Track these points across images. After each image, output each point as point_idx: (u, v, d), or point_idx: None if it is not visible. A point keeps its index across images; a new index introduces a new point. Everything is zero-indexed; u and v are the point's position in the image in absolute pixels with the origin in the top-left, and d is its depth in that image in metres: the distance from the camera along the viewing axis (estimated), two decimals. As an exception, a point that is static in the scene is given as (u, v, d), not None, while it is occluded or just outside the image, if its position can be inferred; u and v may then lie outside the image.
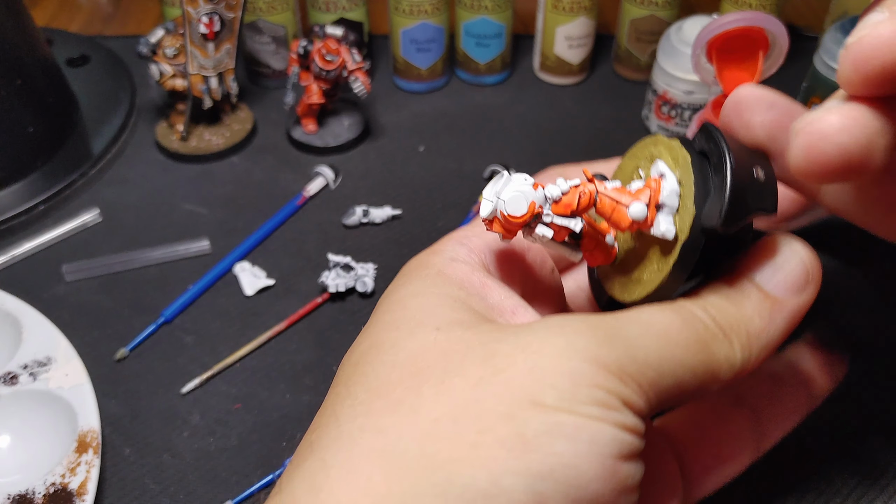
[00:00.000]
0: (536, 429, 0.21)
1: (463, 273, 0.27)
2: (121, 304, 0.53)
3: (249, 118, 0.68)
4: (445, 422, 0.21)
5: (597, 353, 0.22)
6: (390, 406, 0.22)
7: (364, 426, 0.22)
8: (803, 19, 0.82)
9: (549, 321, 0.24)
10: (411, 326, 0.25)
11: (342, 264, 0.53)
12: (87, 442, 0.41)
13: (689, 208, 0.25)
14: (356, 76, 0.62)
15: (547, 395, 0.21)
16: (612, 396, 0.22)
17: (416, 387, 0.22)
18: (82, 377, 0.44)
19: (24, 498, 0.40)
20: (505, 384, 0.22)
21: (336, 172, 0.62)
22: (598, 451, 0.21)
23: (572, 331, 0.23)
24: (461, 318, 0.25)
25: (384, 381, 0.23)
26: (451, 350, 0.23)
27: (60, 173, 0.61)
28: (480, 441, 0.21)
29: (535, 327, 0.24)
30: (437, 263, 0.28)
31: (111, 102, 0.68)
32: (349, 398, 0.23)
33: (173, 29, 0.61)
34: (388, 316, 0.26)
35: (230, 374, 0.49)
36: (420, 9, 0.68)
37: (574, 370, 0.22)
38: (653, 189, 0.25)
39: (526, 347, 0.23)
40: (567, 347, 0.22)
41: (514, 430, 0.21)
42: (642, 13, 0.70)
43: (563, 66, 0.72)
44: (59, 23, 0.84)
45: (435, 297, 0.26)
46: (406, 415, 0.22)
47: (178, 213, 0.60)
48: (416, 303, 0.26)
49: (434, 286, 0.27)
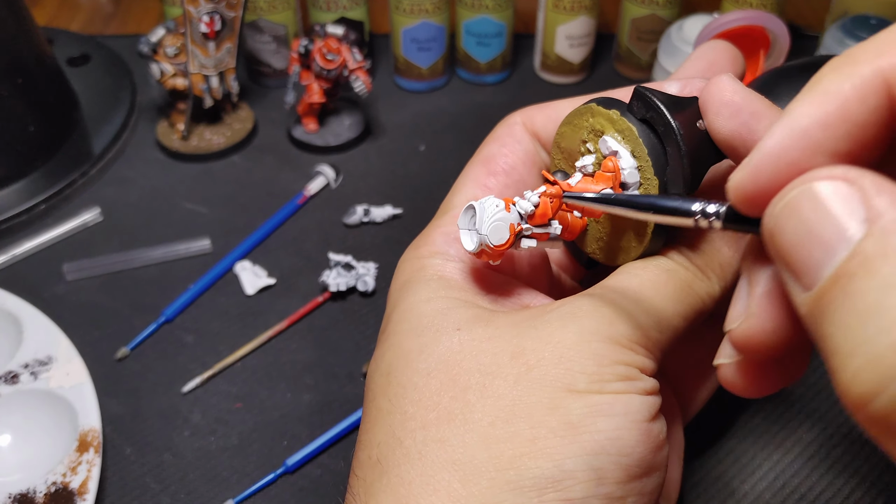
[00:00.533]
0: (579, 413, 0.23)
1: (460, 273, 0.29)
2: (121, 304, 0.53)
3: (250, 117, 0.68)
4: (500, 424, 0.24)
5: (609, 332, 0.25)
6: (444, 417, 0.24)
7: (426, 439, 0.24)
8: (804, 18, 0.82)
9: (559, 310, 0.26)
10: (433, 332, 0.26)
11: (343, 263, 0.53)
12: (88, 441, 0.41)
13: (652, 180, 0.26)
14: (357, 75, 0.62)
15: (579, 381, 0.24)
16: (630, 368, 0.25)
17: (460, 395, 0.24)
18: (83, 376, 0.44)
19: (25, 497, 0.40)
20: (541, 379, 0.24)
21: (337, 171, 0.62)
22: (632, 419, 0.24)
23: (582, 315, 0.25)
24: (475, 316, 0.26)
25: (427, 392, 0.25)
26: (479, 351, 0.25)
27: (61, 172, 0.61)
28: (536, 435, 0.23)
29: (548, 318, 0.26)
30: (434, 266, 0.29)
31: (112, 102, 0.68)
32: (398, 413, 0.25)
33: (174, 28, 0.61)
34: (405, 324, 0.27)
35: (231, 374, 0.49)
36: (421, 8, 0.68)
37: (595, 353, 0.24)
38: (612, 169, 0.27)
39: (549, 340, 0.25)
40: (583, 333, 0.25)
41: (562, 419, 0.23)
42: (643, 12, 0.70)
43: (563, 66, 0.72)
44: (59, 22, 0.84)
45: (445, 301, 0.28)
46: (462, 424, 0.24)
47: (179, 212, 0.60)
48: (430, 308, 0.27)
49: (440, 290, 0.28)
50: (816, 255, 0.17)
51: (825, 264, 0.17)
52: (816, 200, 0.17)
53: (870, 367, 0.15)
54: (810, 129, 0.18)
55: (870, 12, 0.62)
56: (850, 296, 0.16)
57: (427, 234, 0.32)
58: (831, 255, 0.16)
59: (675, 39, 0.63)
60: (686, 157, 0.25)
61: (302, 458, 0.43)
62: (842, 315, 0.16)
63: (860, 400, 0.15)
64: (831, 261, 0.16)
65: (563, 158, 0.31)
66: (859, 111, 0.17)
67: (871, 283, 0.15)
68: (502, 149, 0.33)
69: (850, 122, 0.17)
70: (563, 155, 0.31)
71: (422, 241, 0.31)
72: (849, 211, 0.16)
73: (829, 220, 0.17)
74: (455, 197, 0.34)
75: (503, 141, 0.33)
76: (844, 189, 0.17)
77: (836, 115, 0.17)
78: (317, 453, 0.44)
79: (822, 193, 0.17)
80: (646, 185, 0.27)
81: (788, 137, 0.18)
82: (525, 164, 0.33)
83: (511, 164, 0.33)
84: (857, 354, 0.15)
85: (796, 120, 0.18)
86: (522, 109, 0.34)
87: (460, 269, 0.29)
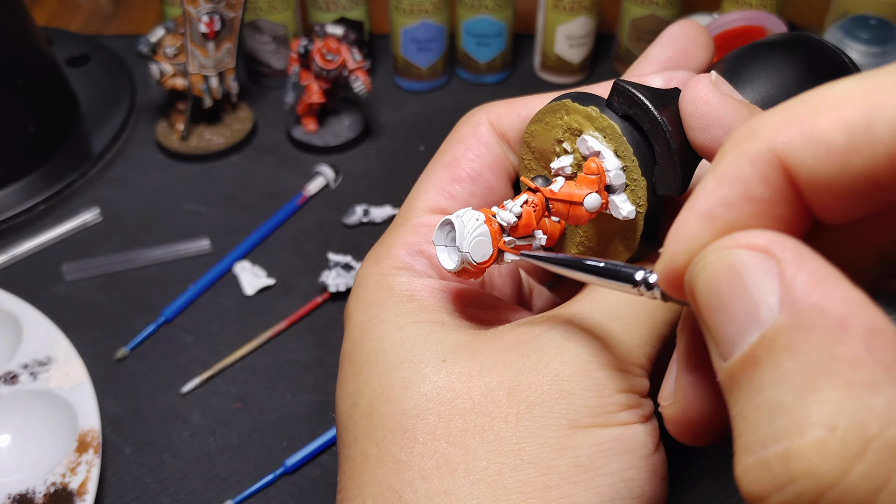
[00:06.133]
0: (588, 453, 0.22)
1: (431, 292, 0.27)
2: (121, 304, 0.53)
3: (250, 117, 0.68)
4: (508, 472, 0.22)
5: (605, 358, 0.23)
6: (444, 466, 0.23)
7: (430, 493, 0.23)
8: (804, 19, 0.82)
9: (549, 335, 0.24)
10: (415, 364, 0.24)
11: (342, 264, 0.53)
12: (88, 441, 0.41)
13: (640, 181, 0.25)
14: (356, 75, 0.62)
15: (582, 416, 0.23)
16: (631, 396, 0.23)
17: (458, 440, 0.23)
18: (82, 377, 0.44)
19: (24, 497, 0.40)
20: (543, 418, 0.23)
21: (336, 172, 0.62)
22: (640, 455, 0.23)
23: (576, 341, 0.24)
24: (458, 342, 0.25)
25: (419, 436, 0.23)
26: (470, 388, 0.24)
27: (60, 173, 0.61)
28: (548, 483, 0.22)
29: (540, 346, 0.24)
30: (401, 286, 0.27)
31: (111, 102, 0.68)
32: (391, 462, 0.23)
33: (174, 28, 0.61)
34: (381, 356, 0.25)
35: (230, 374, 0.49)
36: (420, 8, 0.68)
37: (596, 383, 0.23)
38: (595, 171, 0.25)
39: (546, 372, 0.23)
40: (580, 362, 0.23)
41: (571, 461, 0.22)
42: (643, 12, 0.70)
43: (563, 66, 0.72)
44: (59, 22, 0.84)
45: (421, 327, 0.25)
46: (466, 474, 0.22)
47: (179, 212, 0.60)
48: (406, 336, 0.25)
49: (413, 314, 0.26)
50: (731, 329, 0.16)
51: (738, 342, 0.15)
52: (733, 271, 0.16)
53: (759, 470, 0.14)
54: (716, 211, 0.17)
55: (870, 12, 0.62)
56: (754, 386, 0.15)
57: (388, 245, 0.29)
58: (743, 335, 0.15)
59: (674, 39, 0.63)
60: (676, 154, 0.24)
61: (301, 458, 0.43)
62: (745, 403, 0.15)
63: (749, 496, 0.14)
64: (743, 340, 0.15)
65: (533, 159, 0.29)
66: (762, 190, 0.16)
67: (774, 376, 0.14)
68: (467, 152, 0.31)
69: (756, 201, 0.16)
70: (535, 155, 0.28)
71: (383, 254, 0.29)
72: (765, 287, 0.15)
73: (743, 296, 0.15)
74: (416, 202, 0.31)
75: (468, 143, 0.31)
76: (761, 262, 0.15)
77: (740, 194, 0.16)
78: (316, 454, 0.44)
79: (739, 264, 0.16)
80: (633, 186, 0.25)
81: (697, 222, 0.17)
82: (492, 169, 0.30)
83: (477, 169, 0.30)
84: (750, 451, 0.14)
85: (703, 203, 0.17)
86: (487, 105, 0.31)
87: (430, 288, 0.27)
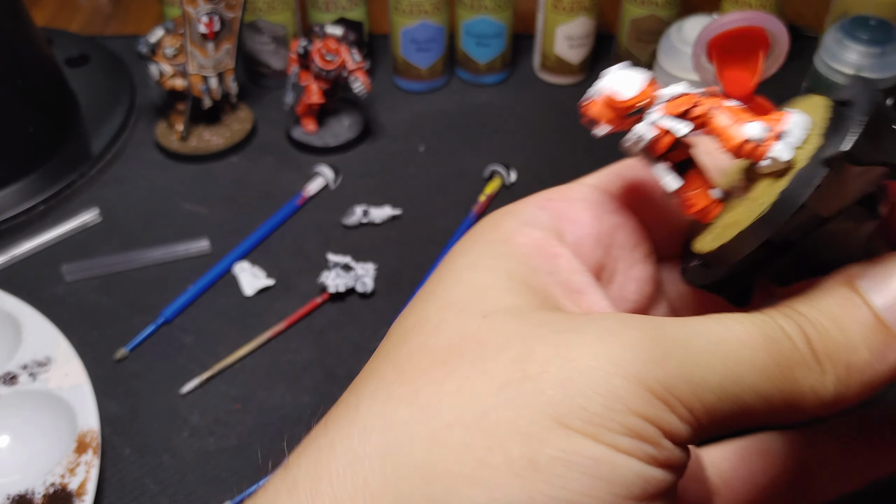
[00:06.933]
0: (551, 454, 0.19)
1: (533, 241, 0.24)
2: (120, 304, 0.53)
3: (249, 118, 0.68)
4: (457, 429, 0.19)
5: (642, 371, 0.19)
6: (409, 397, 0.20)
7: (381, 414, 0.20)
8: (804, 19, 0.82)
9: (604, 321, 0.21)
10: (459, 308, 0.22)
11: (342, 264, 0.53)
12: (87, 442, 0.41)
13: (815, 142, 0.20)
14: (356, 76, 0.62)
15: (574, 417, 0.19)
16: (649, 425, 0.19)
17: (440, 379, 0.20)
18: (82, 377, 0.44)
19: (23, 498, 0.39)
20: (530, 395, 0.19)
21: (336, 172, 0.62)
22: (614, 491, 0.19)
23: (623, 339, 0.20)
24: (514, 303, 0.22)
25: (414, 366, 0.21)
26: (488, 341, 0.21)
27: (60, 173, 0.61)
28: (488, 459, 0.19)
29: (583, 327, 0.20)
30: (508, 227, 0.25)
31: (111, 102, 0.68)
32: (377, 377, 0.22)
33: (173, 29, 0.61)
34: (439, 289, 0.23)
35: (230, 375, 0.49)
36: (420, 8, 0.68)
37: (611, 390, 0.19)
38: (777, 120, 0.21)
39: (564, 354, 0.20)
40: (609, 360, 0.19)
41: (527, 454, 0.19)
42: (642, 13, 0.70)
43: (563, 66, 0.72)
44: (58, 22, 0.83)
45: (492, 274, 0.23)
46: (421, 411, 0.20)
47: (178, 213, 0.60)
48: (471, 278, 0.23)
49: (495, 257, 0.24)
50: None
51: None
52: None
53: None
54: None
55: (870, 13, 0.62)
56: None
57: (521, 200, 0.26)
58: None
59: (674, 40, 0.63)
60: (868, 118, 0.20)
61: (301, 459, 0.43)
62: None
63: None
64: None
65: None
66: None
67: None
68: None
69: None
70: None
71: (512, 204, 0.26)
72: None
73: None
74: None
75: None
76: None
77: None
78: (316, 454, 0.44)
79: None
80: (806, 146, 0.21)
81: None
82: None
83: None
84: None
85: None
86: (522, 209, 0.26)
87: (536, 235, 0.24)
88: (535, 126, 0.69)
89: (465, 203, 0.60)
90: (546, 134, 0.68)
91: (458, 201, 0.61)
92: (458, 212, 0.60)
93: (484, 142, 0.67)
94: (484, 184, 0.62)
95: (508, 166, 0.62)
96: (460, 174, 0.63)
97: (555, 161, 0.64)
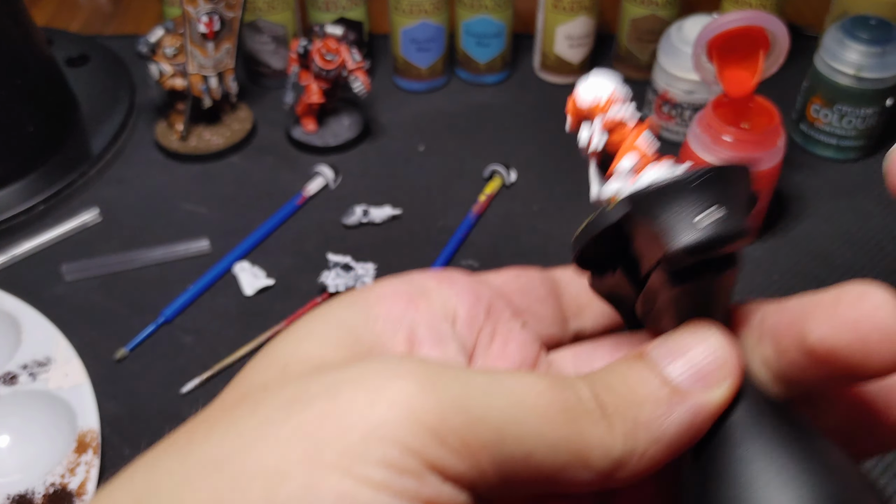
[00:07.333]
0: (290, 491, 0.17)
1: (393, 290, 0.25)
2: (120, 304, 0.53)
3: (249, 118, 0.68)
4: (210, 467, 0.19)
5: (412, 401, 0.18)
6: (188, 434, 0.21)
7: (163, 450, 0.21)
8: (804, 19, 0.82)
9: (387, 360, 0.20)
10: (270, 360, 0.22)
11: (342, 264, 0.53)
12: (87, 442, 0.41)
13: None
14: (356, 75, 0.62)
15: (329, 450, 0.18)
16: (411, 458, 0.18)
17: (213, 424, 0.20)
18: (82, 377, 0.44)
19: (23, 498, 0.39)
20: (289, 434, 0.18)
21: (336, 172, 0.62)
22: None
23: (397, 372, 0.19)
24: (320, 353, 0.22)
25: (204, 414, 0.21)
26: (272, 389, 0.20)
27: (60, 173, 0.61)
28: (228, 500, 0.18)
29: (364, 365, 0.20)
30: (379, 283, 0.25)
31: (111, 102, 0.68)
32: (205, 409, 0.22)
33: (173, 28, 0.61)
34: (279, 339, 0.23)
35: (230, 374, 0.49)
36: (420, 8, 0.68)
37: (372, 420, 0.18)
38: (646, 159, 0.23)
39: (335, 391, 0.19)
40: (376, 391, 0.18)
41: (266, 493, 0.17)
42: (643, 12, 0.70)
43: (563, 66, 0.72)
44: (58, 22, 0.83)
45: (322, 323, 0.23)
46: (187, 448, 0.20)
47: (178, 212, 0.60)
48: (304, 328, 0.23)
49: (342, 306, 0.24)
50: None
51: None
52: None
53: None
54: None
55: (870, 12, 0.62)
56: None
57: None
58: None
59: (674, 40, 0.63)
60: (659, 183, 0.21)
61: (301, 459, 0.43)
62: None
63: None
64: None
65: None
66: None
67: None
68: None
69: None
70: None
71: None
72: None
73: None
74: None
75: None
76: None
77: None
78: (316, 454, 0.44)
79: None
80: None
81: None
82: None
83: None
84: None
85: None
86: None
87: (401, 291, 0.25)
88: (535, 126, 0.69)
89: (465, 203, 0.60)
90: (546, 134, 0.68)
91: (458, 201, 0.61)
92: (459, 211, 0.60)
93: (484, 141, 0.67)
94: (484, 183, 0.62)
95: (508, 166, 0.62)
96: (460, 174, 0.63)
97: (555, 161, 0.64)
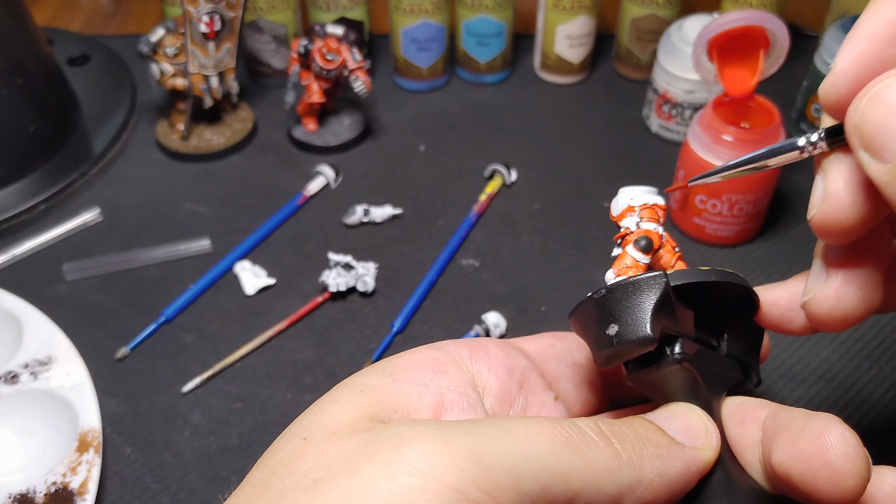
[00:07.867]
0: None
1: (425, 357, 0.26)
2: (121, 304, 0.53)
3: (250, 117, 0.68)
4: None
5: (432, 465, 0.20)
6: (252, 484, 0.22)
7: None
8: (804, 18, 0.82)
9: (401, 425, 0.22)
10: (294, 431, 0.24)
11: (343, 263, 0.53)
12: (88, 441, 0.41)
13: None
14: (357, 75, 0.62)
15: None
16: None
17: (247, 499, 0.22)
18: (83, 376, 0.44)
19: (25, 497, 0.40)
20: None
21: (337, 171, 0.62)
22: None
23: (416, 436, 0.21)
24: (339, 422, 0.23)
25: (241, 488, 0.23)
26: (294, 463, 0.22)
27: (61, 172, 0.61)
28: None
29: (383, 432, 0.21)
30: (414, 350, 0.27)
31: (112, 102, 0.68)
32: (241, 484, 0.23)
33: (174, 28, 0.61)
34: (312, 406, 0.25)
35: (231, 374, 0.49)
36: (421, 8, 0.68)
37: (398, 493, 0.19)
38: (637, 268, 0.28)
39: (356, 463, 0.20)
40: (399, 462, 0.20)
41: None
42: (643, 12, 0.70)
43: (563, 65, 0.72)
44: (59, 22, 0.84)
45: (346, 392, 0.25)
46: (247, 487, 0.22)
47: (179, 212, 0.60)
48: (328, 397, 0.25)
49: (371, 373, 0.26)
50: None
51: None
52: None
53: None
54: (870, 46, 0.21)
55: (870, 12, 0.62)
56: None
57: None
58: None
59: (675, 39, 0.63)
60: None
61: (302, 458, 0.43)
62: None
63: None
64: None
65: None
66: None
67: None
68: None
69: None
70: None
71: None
72: None
73: None
74: None
75: None
76: None
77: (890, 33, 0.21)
78: (317, 453, 0.44)
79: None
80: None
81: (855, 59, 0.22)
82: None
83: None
84: None
85: (857, 44, 0.22)
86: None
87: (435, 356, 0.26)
88: (536, 125, 0.69)
89: (465, 202, 0.60)
90: (546, 133, 0.68)
91: (458, 200, 0.61)
92: (459, 211, 0.60)
93: (484, 141, 0.67)
94: (484, 183, 0.62)
95: (509, 165, 0.62)
96: (461, 173, 0.63)
97: (555, 160, 0.64)
